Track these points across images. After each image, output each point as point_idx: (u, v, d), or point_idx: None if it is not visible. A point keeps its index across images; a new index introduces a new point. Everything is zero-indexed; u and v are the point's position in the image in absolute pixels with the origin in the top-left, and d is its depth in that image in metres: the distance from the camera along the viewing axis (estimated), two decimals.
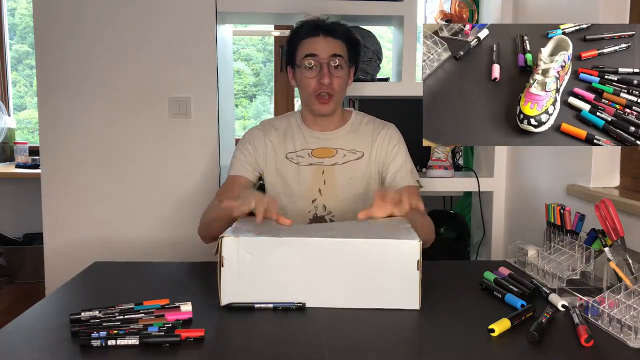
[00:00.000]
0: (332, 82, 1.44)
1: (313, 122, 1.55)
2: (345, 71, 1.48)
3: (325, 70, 1.44)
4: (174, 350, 0.84)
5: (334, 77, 1.45)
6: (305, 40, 1.46)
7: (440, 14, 2.14)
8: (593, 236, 1.16)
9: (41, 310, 1.03)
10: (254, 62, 3.78)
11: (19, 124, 3.56)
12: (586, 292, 1.04)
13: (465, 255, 2.26)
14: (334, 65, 1.44)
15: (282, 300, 1.01)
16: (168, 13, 2.05)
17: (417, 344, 0.93)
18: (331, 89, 1.45)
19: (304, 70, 1.46)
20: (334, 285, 1.02)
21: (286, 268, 1.01)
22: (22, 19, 3.63)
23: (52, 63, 2.05)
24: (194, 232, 1.87)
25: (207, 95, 2.09)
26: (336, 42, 1.46)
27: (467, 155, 2.34)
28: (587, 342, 0.87)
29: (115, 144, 2.09)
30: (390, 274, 1.01)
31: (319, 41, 1.45)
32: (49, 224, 2.09)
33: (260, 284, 1.01)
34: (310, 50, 1.44)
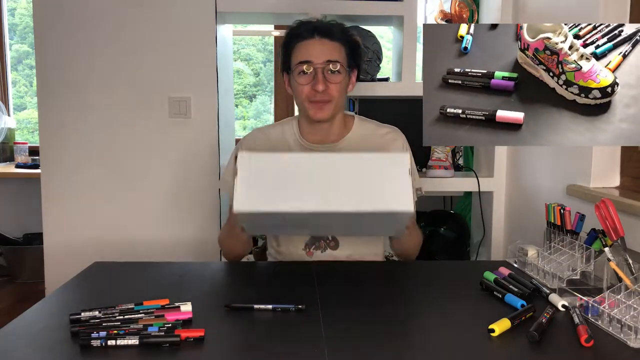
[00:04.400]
0: (327, 88, 1.35)
1: (311, 131, 1.44)
2: (343, 76, 1.37)
3: (320, 77, 1.34)
4: (174, 350, 0.84)
5: (331, 83, 1.35)
6: (300, 44, 1.37)
7: (440, 14, 2.14)
8: (593, 236, 1.16)
9: (41, 310, 1.03)
10: (254, 62, 3.78)
11: (19, 124, 3.56)
12: (586, 292, 1.04)
13: (465, 255, 2.26)
14: (330, 70, 1.35)
15: (293, 205, 1.06)
16: (168, 13, 2.05)
17: (417, 343, 0.92)
18: (327, 95, 1.35)
19: (298, 77, 1.36)
20: (332, 191, 1.08)
21: (292, 178, 1.09)
22: (22, 19, 3.63)
23: (52, 63, 2.05)
24: (193, 232, 1.89)
25: (207, 95, 2.09)
26: (333, 45, 1.36)
27: (467, 155, 2.34)
28: (587, 342, 0.87)
29: (115, 144, 2.09)
30: (383, 180, 1.09)
31: (314, 44, 1.36)
32: (49, 224, 2.09)
33: (270, 190, 1.08)
34: (305, 57, 1.35)
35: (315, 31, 1.36)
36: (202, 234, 2.12)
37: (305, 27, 1.38)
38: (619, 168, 1.48)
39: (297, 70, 1.36)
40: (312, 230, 1.37)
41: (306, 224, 1.21)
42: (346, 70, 1.39)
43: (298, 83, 1.37)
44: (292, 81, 1.40)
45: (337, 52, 1.37)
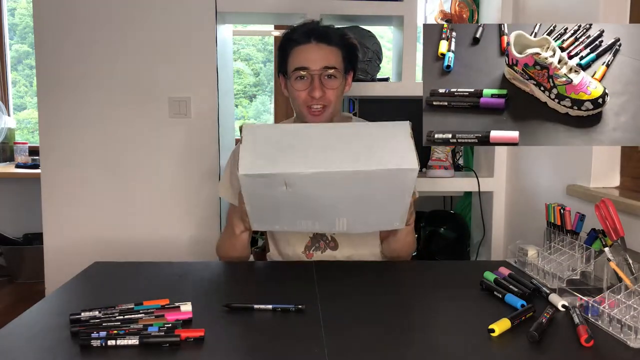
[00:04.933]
0: (324, 94, 1.35)
1: None
2: (339, 80, 1.37)
3: (317, 83, 1.34)
4: (174, 351, 0.84)
5: (327, 88, 1.35)
6: (297, 49, 1.36)
7: (440, 14, 2.14)
8: (593, 236, 1.16)
9: (41, 310, 1.03)
10: (254, 62, 3.78)
11: (19, 124, 3.56)
12: (586, 292, 1.04)
13: (465, 255, 2.26)
14: (327, 77, 1.35)
15: (297, 167, 1.07)
16: (168, 13, 2.05)
17: (417, 344, 0.92)
18: (324, 101, 1.35)
19: (295, 82, 1.36)
20: (336, 153, 1.10)
21: (300, 145, 1.11)
22: (22, 19, 3.63)
23: (52, 63, 2.05)
24: (193, 232, 1.89)
25: (207, 95, 2.09)
26: (330, 50, 1.36)
27: (467, 155, 2.34)
28: (587, 342, 0.87)
29: (115, 144, 2.09)
30: (387, 146, 1.12)
31: (310, 49, 1.35)
32: (49, 224, 2.09)
33: (274, 155, 1.10)
34: (301, 63, 1.34)
35: (311, 35, 1.36)
36: (202, 234, 2.12)
37: (302, 31, 1.37)
38: (619, 168, 1.48)
39: (294, 76, 1.36)
40: (317, 216, 1.23)
41: (311, 206, 1.16)
42: (343, 75, 1.39)
43: (295, 89, 1.37)
44: (289, 85, 1.40)
45: (333, 57, 1.36)
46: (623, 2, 1.43)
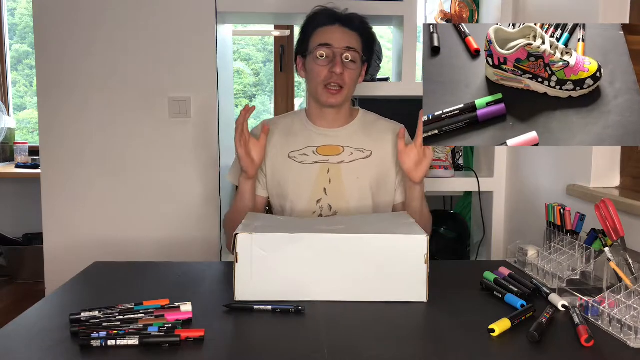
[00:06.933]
0: (343, 73, 1.41)
1: (320, 116, 1.51)
2: (357, 65, 1.44)
3: (338, 60, 1.40)
4: (174, 351, 0.84)
5: (347, 69, 1.41)
6: (321, 29, 1.43)
7: (441, 14, 2.14)
8: (593, 236, 1.16)
9: (41, 310, 1.03)
10: (254, 62, 3.78)
11: (19, 124, 3.56)
12: (586, 292, 1.04)
13: (465, 255, 2.26)
14: (347, 58, 1.41)
15: (295, 294, 1.04)
16: (168, 13, 2.05)
17: (417, 344, 0.92)
18: (342, 80, 1.41)
19: (316, 59, 1.42)
20: (344, 279, 1.05)
21: (298, 263, 1.05)
22: (22, 19, 3.63)
23: (52, 63, 2.05)
24: (193, 232, 1.88)
25: (207, 95, 2.09)
26: (352, 34, 1.43)
27: (467, 155, 2.34)
28: (587, 342, 0.87)
29: (115, 144, 2.09)
30: (398, 268, 1.05)
31: (334, 30, 1.42)
32: (49, 224, 2.09)
33: (273, 278, 1.05)
34: (326, 40, 1.41)
35: (336, 19, 1.43)
36: (202, 234, 2.12)
37: (327, 14, 1.44)
38: (619, 168, 1.48)
39: (316, 53, 1.41)
40: None
41: None
42: (361, 61, 1.46)
43: (316, 64, 1.42)
44: (308, 64, 1.45)
45: (355, 42, 1.44)
46: (623, 2, 1.43)
